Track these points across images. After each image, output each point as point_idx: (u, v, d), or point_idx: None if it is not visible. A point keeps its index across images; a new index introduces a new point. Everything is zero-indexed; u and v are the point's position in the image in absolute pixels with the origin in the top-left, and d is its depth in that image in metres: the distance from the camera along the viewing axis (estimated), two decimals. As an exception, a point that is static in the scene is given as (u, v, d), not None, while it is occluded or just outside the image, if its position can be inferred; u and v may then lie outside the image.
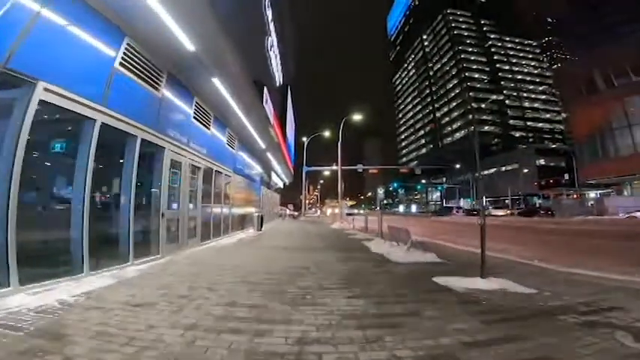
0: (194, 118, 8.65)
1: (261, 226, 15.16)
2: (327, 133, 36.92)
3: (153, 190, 6.64)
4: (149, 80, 6.45)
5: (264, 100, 12.43)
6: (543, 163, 66.93)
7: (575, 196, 41.21)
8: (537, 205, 48.61)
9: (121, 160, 5.74)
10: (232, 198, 12.28)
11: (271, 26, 17.17)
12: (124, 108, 5.55)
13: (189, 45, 6.55)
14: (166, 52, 6.89)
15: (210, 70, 7.79)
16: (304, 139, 37.22)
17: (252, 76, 10.91)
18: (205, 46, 6.96)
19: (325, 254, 8.15)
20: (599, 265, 6.46)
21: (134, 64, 5.89)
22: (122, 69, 5.58)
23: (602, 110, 35.28)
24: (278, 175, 28.82)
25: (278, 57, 20.36)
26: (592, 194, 42.31)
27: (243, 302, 3.80)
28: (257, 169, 17.99)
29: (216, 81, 8.27)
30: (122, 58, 5.55)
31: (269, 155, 18.51)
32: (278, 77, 21.21)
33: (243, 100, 10.01)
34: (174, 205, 7.34)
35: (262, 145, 15.38)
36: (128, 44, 5.71)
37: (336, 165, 29.23)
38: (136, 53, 5.94)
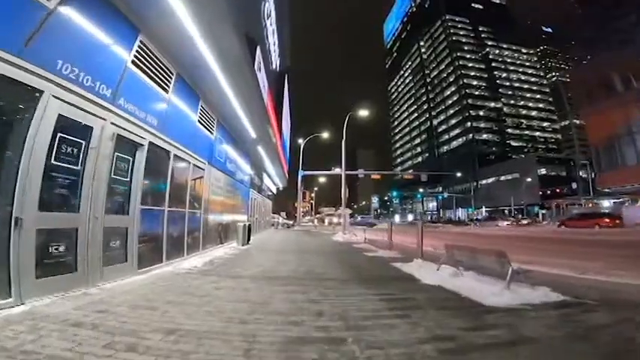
0: (134, 64, 5.23)
1: (249, 239, 11.62)
2: (325, 135, 33.93)
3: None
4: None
5: (257, 67, 9.03)
6: (544, 172, 64.96)
7: (590, 204, 38.36)
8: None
9: None
10: (207, 201, 8.77)
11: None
12: None
13: None
14: None
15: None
16: (300, 140, 34.09)
17: (241, 27, 7.48)
18: None
19: (354, 293, 4.76)
20: None
21: None
22: None
23: (621, 114, 32.69)
24: (271, 178, 25.21)
25: (275, 35, 17.05)
26: (606, 203, 39.52)
27: None
28: (245, 166, 14.49)
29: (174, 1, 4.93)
30: None
31: (261, 150, 15.00)
32: (275, 60, 17.89)
33: (224, 51, 6.62)
34: (68, 204, 3.83)
35: (253, 133, 11.92)
36: None
37: (336, 168, 25.90)
38: None
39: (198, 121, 8.16)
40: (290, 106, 30.85)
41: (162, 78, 6.21)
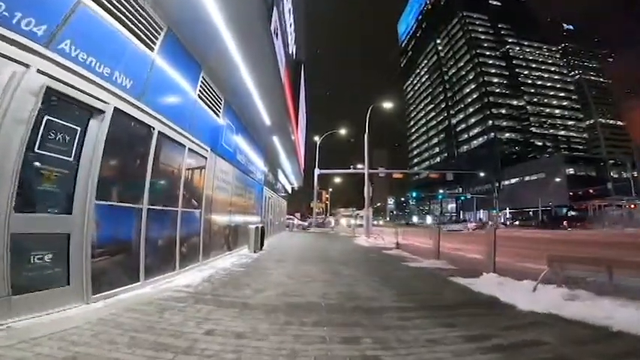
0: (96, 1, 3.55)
1: (262, 244, 9.86)
2: (342, 132, 32.34)
3: None
4: None
5: (275, 32, 7.23)
6: (573, 172, 61.38)
7: (632, 206, 35.20)
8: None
9: None
10: (210, 197, 6.99)
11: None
12: None
13: None
14: None
15: None
16: (316, 138, 32.46)
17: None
18: None
19: (432, 337, 2.94)
20: None
21: None
22: None
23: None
24: (286, 176, 23.38)
25: (292, 16, 15.30)
26: (650, 204, 36.30)
27: None
28: (258, 160, 12.74)
29: None
30: None
31: (276, 142, 13.20)
32: (292, 46, 16.14)
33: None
34: None
35: (267, 120, 10.14)
36: None
37: (358, 164, 24.03)
38: None
39: (199, 96, 6.43)
40: (306, 100, 29.09)
41: (145, 30, 4.51)
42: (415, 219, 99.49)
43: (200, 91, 6.47)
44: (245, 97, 8.26)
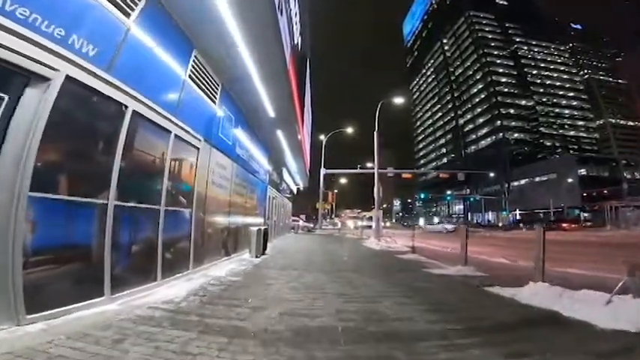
0: None
1: (264, 248, 8.95)
2: (348, 130, 31.58)
3: None
4: None
5: (279, 8, 6.33)
6: (585, 173, 59.92)
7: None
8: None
9: None
10: (203, 194, 6.09)
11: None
12: None
13: None
14: None
15: None
16: (322, 137, 31.63)
17: None
18: None
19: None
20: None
21: None
22: None
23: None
24: (291, 175, 22.45)
25: (296, 5, 14.48)
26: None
27: None
28: (261, 157, 11.83)
29: None
30: None
31: (281, 137, 12.26)
32: (297, 37, 15.30)
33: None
34: None
35: (271, 112, 9.21)
36: None
37: (367, 163, 23.13)
38: None
39: (190, 77, 5.55)
40: (312, 98, 28.17)
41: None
42: (422, 221, 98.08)
43: (192, 72, 5.60)
44: (246, 82, 7.31)
